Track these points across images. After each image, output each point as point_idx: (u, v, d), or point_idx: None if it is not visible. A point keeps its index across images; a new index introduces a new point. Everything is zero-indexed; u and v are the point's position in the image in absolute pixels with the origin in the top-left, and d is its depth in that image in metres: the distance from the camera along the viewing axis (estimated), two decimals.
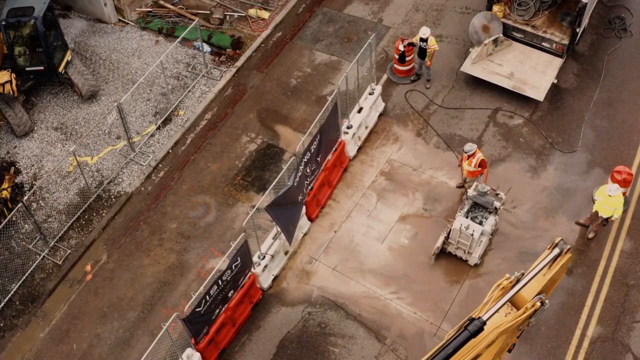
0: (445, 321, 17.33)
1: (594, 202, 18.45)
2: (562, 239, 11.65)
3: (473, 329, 10.97)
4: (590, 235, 18.45)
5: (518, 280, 11.88)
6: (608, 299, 17.56)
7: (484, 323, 11.04)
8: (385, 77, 22.57)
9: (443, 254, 18.25)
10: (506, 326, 11.47)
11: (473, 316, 11.36)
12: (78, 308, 18.15)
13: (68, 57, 21.46)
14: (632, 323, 17.13)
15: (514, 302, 11.90)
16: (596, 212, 17.79)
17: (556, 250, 11.57)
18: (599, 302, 17.53)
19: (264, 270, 17.59)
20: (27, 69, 20.80)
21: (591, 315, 17.32)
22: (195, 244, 19.06)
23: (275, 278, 18.23)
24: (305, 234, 18.97)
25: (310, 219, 19.16)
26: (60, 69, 21.15)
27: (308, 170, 18.03)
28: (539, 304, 11.51)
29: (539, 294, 11.77)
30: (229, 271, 15.76)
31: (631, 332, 16.99)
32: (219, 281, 15.60)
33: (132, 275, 18.59)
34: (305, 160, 17.59)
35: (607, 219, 17.60)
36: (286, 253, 18.50)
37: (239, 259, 15.91)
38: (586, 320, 17.26)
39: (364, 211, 19.40)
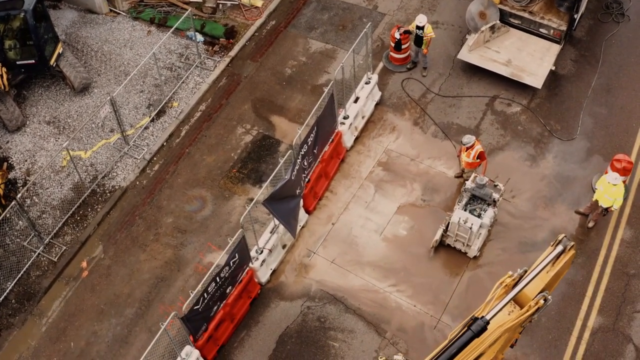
0: (446, 313, 17.21)
1: (594, 192, 18.32)
2: (565, 236, 11.50)
3: (476, 328, 10.86)
4: (590, 225, 18.32)
5: (521, 278, 11.78)
6: (609, 289, 17.46)
7: (488, 322, 10.92)
8: (381, 65, 22.30)
9: (442, 245, 18.10)
10: (510, 325, 11.35)
11: (476, 315, 11.25)
12: (75, 305, 17.96)
13: (59, 49, 21.12)
14: (633, 313, 17.04)
15: (517, 300, 11.75)
16: (596, 201, 17.65)
17: (560, 247, 11.42)
18: (600, 292, 17.43)
19: (262, 264, 17.42)
20: (17, 62, 20.47)
21: (592, 305, 17.22)
22: (191, 239, 18.86)
23: (274, 272, 18.06)
24: (302, 227, 18.78)
25: (308, 212, 18.98)
26: (52, 62, 20.81)
27: (305, 163, 17.81)
28: (542, 301, 11.39)
29: (541, 290, 11.65)
30: (226, 268, 15.58)
31: (632, 322, 16.90)
32: (217, 278, 15.42)
33: (128, 271, 18.39)
34: (302, 152, 17.37)
35: (607, 209, 17.47)
36: (284, 247, 18.32)
37: (236, 255, 15.73)
38: (587, 310, 17.15)
39: (361, 202, 19.21)
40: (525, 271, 11.76)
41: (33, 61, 20.51)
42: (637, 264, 17.78)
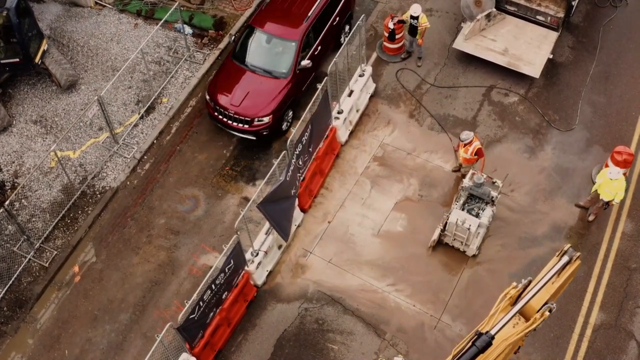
0: (446, 313, 16.95)
1: (594, 184, 18.00)
2: (570, 246, 11.18)
3: (481, 344, 10.62)
4: (591, 218, 18.02)
5: (525, 288, 11.48)
6: (610, 284, 17.22)
7: (492, 338, 10.65)
8: (374, 55, 21.80)
9: (440, 244, 17.76)
10: (515, 338, 11.08)
11: (480, 330, 10.97)
12: (68, 312, 17.59)
13: (44, 46, 20.47)
14: (635, 308, 16.82)
15: (521, 311, 11.47)
16: (597, 195, 17.33)
17: (565, 258, 11.10)
18: (601, 288, 17.19)
19: (257, 267, 17.08)
20: (1, 61, 19.80)
21: (593, 301, 16.99)
22: (185, 240, 18.46)
23: (270, 273, 17.73)
24: (298, 226, 18.41)
25: (303, 210, 18.59)
26: (37, 59, 20.15)
27: (300, 162, 17.41)
28: (547, 313, 11.11)
29: (546, 301, 11.36)
30: (222, 274, 15.23)
31: (634, 317, 16.69)
32: (212, 285, 15.06)
33: (121, 275, 18.01)
34: (297, 152, 16.96)
35: (607, 203, 17.15)
36: (280, 247, 17.97)
37: (232, 261, 15.37)
38: (588, 307, 16.93)
39: (358, 199, 18.84)
40: (530, 281, 11.47)
41: (17, 60, 19.85)
42: (639, 257, 17.53)
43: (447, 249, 17.75)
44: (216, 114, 19.58)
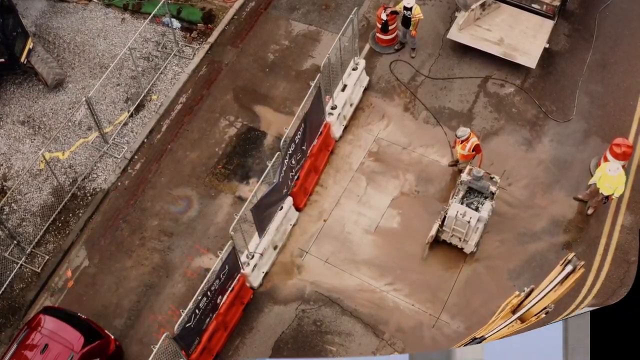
0: (444, 312, 16.73)
1: (592, 176, 17.74)
2: (575, 255, 10.95)
3: None
4: (590, 212, 17.79)
5: (527, 296, 11.30)
6: (609, 278, 17.02)
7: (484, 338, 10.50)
8: (367, 47, 21.38)
9: (437, 241, 17.49)
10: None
11: (476, 336, 10.82)
12: None
13: (29, 45, 20.02)
14: None
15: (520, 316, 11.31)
16: (596, 188, 17.08)
17: (569, 267, 10.88)
18: (599, 281, 16.99)
19: (253, 269, 16.80)
20: None
21: (590, 294, 16.82)
22: (179, 242, 18.15)
23: (266, 275, 17.46)
24: (294, 225, 18.12)
25: (298, 209, 18.29)
26: (22, 59, 19.75)
27: (293, 162, 17.10)
28: (544, 315, 10.94)
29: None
30: (217, 280, 14.96)
31: None
32: (208, 292, 14.81)
33: (115, 279, 17.71)
34: (290, 152, 16.63)
35: (607, 197, 16.91)
36: (275, 247, 17.69)
37: (227, 266, 15.11)
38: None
39: (353, 197, 18.54)
40: (532, 289, 11.28)
41: (2, 60, 19.46)
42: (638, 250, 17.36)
43: (445, 246, 17.47)
44: None
